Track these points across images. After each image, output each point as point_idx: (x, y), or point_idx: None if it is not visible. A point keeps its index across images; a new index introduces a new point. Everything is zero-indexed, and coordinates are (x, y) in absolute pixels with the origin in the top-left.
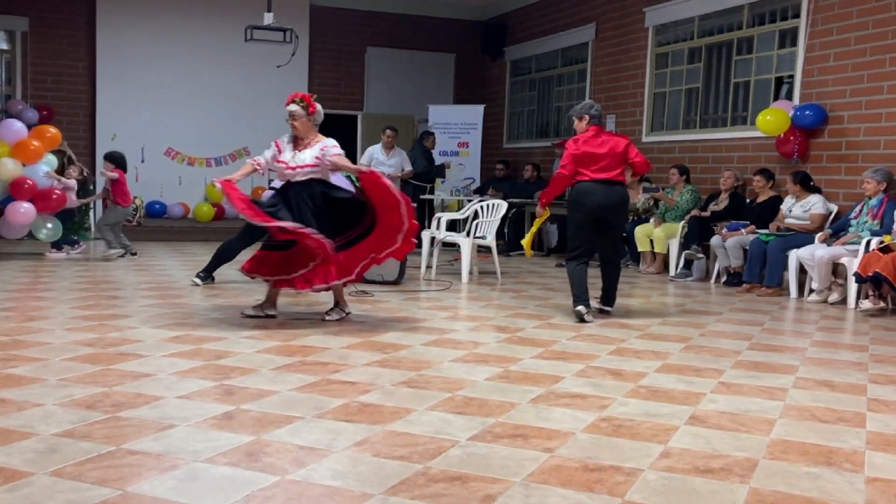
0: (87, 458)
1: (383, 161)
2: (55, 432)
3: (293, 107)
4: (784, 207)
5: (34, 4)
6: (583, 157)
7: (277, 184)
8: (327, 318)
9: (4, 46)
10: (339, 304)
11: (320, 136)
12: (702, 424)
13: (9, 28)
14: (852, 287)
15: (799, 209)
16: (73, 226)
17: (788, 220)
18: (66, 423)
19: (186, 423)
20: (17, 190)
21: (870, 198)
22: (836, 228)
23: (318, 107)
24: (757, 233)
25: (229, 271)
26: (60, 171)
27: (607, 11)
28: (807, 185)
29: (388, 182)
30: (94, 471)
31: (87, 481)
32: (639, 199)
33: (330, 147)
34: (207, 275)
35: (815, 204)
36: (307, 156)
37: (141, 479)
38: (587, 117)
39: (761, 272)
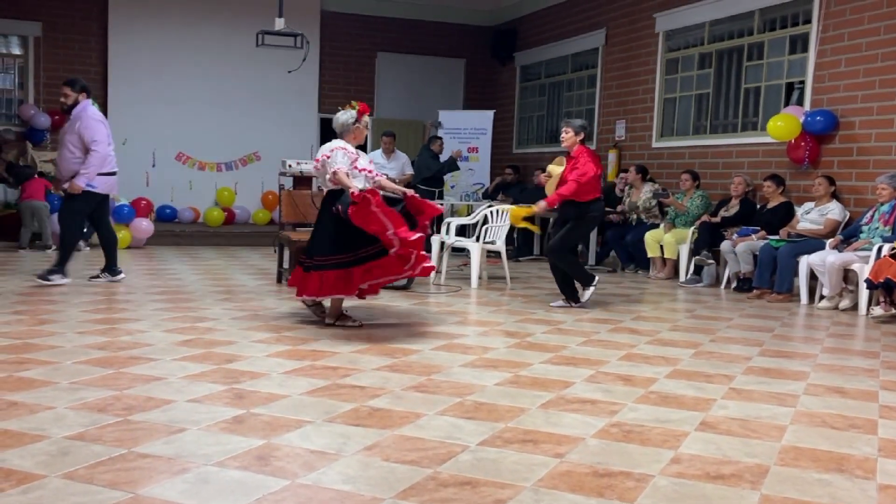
0: (98, 461)
1: (384, 165)
2: (67, 435)
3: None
4: (801, 211)
5: (47, 10)
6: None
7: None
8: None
9: (17, 51)
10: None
11: None
12: (712, 430)
13: (22, 33)
14: (863, 293)
15: (816, 213)
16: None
17: (802, 225)
18: (78, 426)
19: (197, 427)
20: None
21: (882, 204)
22: (847, 234)
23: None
24: (768, 238)
25: (241, 276)
26: None
27: (617, 17)
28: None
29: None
30: (105, 474)
31: (99, 484)
32: (640, 196)
33: None
34: None
35: (832, 210)
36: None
37: (152, 482)
38: (583, 134)
39: (772, 278)
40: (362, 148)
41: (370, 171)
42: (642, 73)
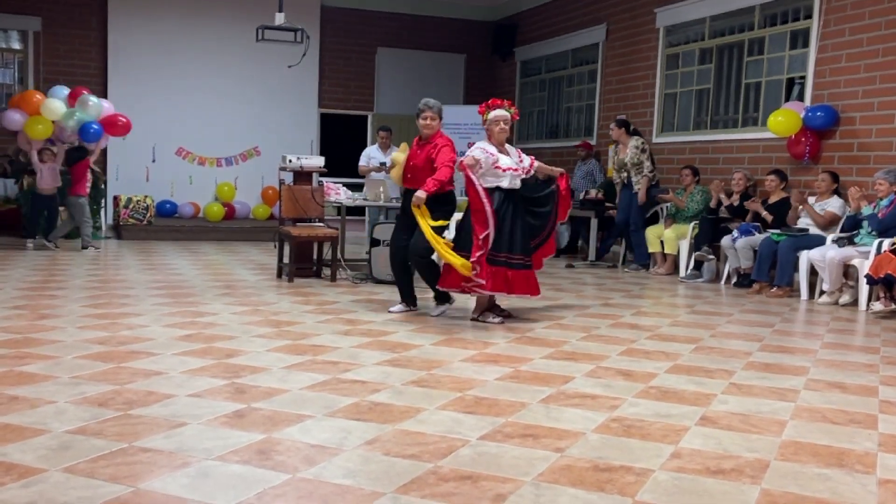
0: (99, 455)
1: (381, 159)
2: (68, 429)
3: (504, 112)
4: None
5: (47, 4)
6: None
7: None
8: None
9: (17, 46)
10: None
11: None
12: (713, 425)
13: (22, 28)
14: (863, 289)
15: (817, 208)
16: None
17: (802, 220)
18: (79, 421)
19: (198, 421)
20: None
21: (881, 199)
22: (849, 227)
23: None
24: (769, 232)
25: (242, 271)
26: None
27: (618, 12)
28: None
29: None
30: (106, 468)
31: (100, 478)
32: (626, 153)
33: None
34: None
35: (832, 203)
36: (517, 159)
37: (153, 476)
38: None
39: (771, 272)
40: (362, 143)
41: (515, 170)
42: (643, 68)
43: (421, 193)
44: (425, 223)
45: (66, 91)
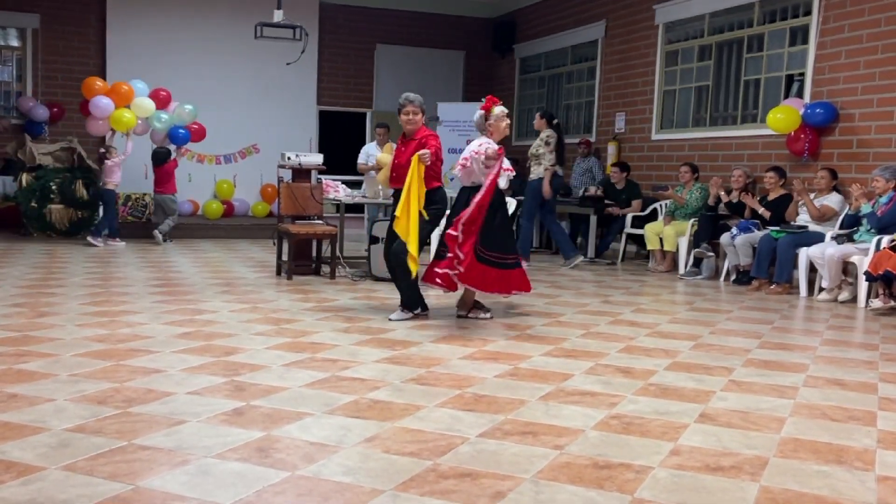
0: (98, 453)
1: (378, 156)
2: (67, 427)
3: (504, 109)
4: (801, 203)
5: (45, 1)
6: None
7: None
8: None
9: (16, 44)
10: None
11: None
12: (712, 422)
13: (20, 25)
14: (862, 285)
15: (816, 205)
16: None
17: (801, 217)
18: (78, 419)
19: (197, 419)
20: None
21: (880, 196)
22: (848, 224)
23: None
24: (768, 228)
25: (241, 269)
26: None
27: (617, 9)
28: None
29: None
30: (105, 465)
31: (99, 476)
32: (542, 134)
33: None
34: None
35: (830, 198)
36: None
37: (152, 473)
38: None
39: (770, 269)
40: (361, 140)
41: (510, 169)
42: (642, 65)
43: (426, 151)
44: (416, 188)
45: (143, 86)
